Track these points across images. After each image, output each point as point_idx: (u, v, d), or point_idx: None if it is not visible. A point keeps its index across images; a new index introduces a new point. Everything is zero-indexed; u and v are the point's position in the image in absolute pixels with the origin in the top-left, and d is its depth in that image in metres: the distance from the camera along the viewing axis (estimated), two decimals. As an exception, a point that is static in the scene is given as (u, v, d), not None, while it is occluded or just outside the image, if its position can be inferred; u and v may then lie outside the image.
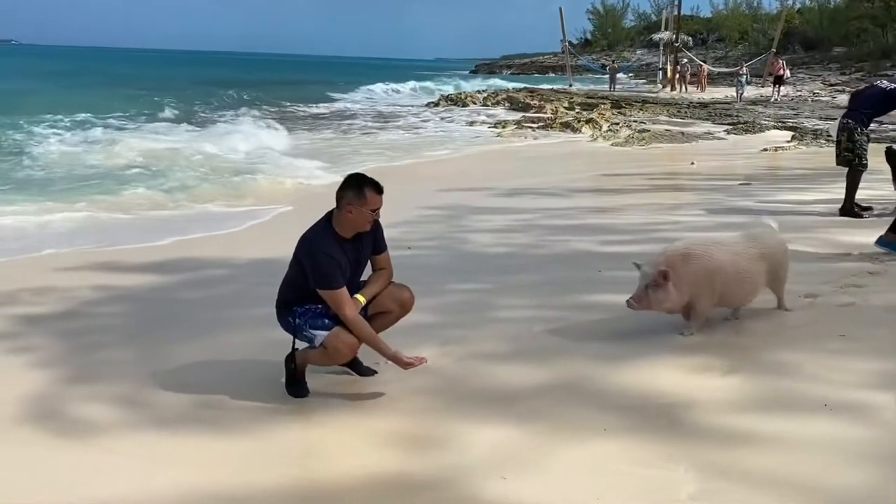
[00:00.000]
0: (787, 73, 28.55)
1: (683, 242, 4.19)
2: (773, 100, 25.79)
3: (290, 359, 3.68)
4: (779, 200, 8.77)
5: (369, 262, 3.76)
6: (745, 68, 29.12)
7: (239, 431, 3.31)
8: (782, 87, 27.62)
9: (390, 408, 3.52)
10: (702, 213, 8.19)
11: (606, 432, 3.13)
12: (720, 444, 3.04)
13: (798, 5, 41.52)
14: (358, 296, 3.63)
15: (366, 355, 3.76)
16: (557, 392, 3.60)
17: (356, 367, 3.88)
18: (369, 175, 3.61)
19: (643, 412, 3.31)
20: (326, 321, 3.54)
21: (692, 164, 12.90)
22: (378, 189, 3.54)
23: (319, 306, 3.58)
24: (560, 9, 39.78)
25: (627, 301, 4.02)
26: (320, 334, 3.53)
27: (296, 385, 3.69)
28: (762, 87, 30.05)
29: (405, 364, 3.52)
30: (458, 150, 16.20)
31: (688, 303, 4.08)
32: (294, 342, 3.67)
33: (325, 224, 3.59)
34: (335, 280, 3.47)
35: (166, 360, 4.19)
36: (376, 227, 3.67)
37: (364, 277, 3.77)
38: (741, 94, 27.57)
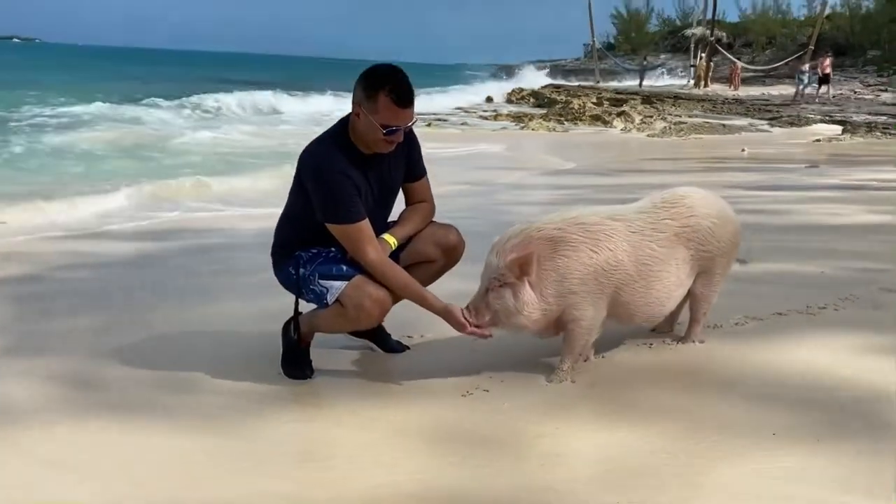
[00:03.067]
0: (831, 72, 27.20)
1: (558, 216, 2.49)
2: (817, 100, 24.42)
3: (292, 325, 2.61)
4: (862, 179, 7.66)
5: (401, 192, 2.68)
6: (807, 65, 27.65)
7: (214, 425, 2.26)
8: (824, 87, 26.22)
9: (430, 398, 2.41)
10: (781, 189, 7.09)
11: (777, 438, 2.02)
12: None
13: (828, 10, 40.31)
14: (386, 236, 2.54)
15: (394, 327, 2.68)
16: (687, 377, 2.44)
17: (381, 340, 2.81)
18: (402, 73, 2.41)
19: (824, 408, 2.19)
20: (344, 268, 2.45)
21: (743, 150, 11.82)
22: (400, 100, 2.35)
23: (332, 249, 2.51)
24: (589, 2, 39.20)
25: (462, 310, 2.43)
26: (336, 285, 2.42)
27: (297, 361, 2.62)
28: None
29: (461, 326, 2.39)
30: (481, 139, 15.10)
31: (559, 320, 2.44)
32: (297, 303, 2.60)
33: (338, 131, 2.49)
34: (352, 210, 2.39)
35: (135, 329, 3.20)
36: (410, 143, 2.57)
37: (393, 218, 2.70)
38: (802, 92, 26.07)
